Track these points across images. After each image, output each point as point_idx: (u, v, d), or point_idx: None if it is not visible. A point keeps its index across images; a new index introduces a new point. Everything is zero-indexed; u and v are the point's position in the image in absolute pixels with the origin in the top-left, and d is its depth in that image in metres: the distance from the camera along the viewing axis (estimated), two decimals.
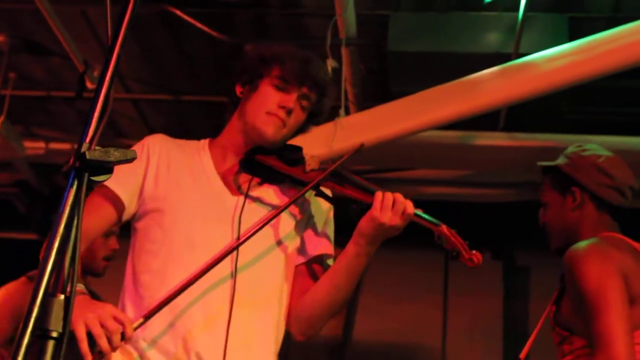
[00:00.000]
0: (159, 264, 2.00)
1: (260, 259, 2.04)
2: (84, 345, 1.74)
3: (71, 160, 1.25)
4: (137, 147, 2.12)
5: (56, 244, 1.18)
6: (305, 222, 2.16)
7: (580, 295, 2.23)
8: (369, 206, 1.97)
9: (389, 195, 1.94)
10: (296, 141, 4.25)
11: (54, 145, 5.10)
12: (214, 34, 4.06)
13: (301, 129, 2.21)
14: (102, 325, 1.75)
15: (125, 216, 2.07)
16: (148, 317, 1.87)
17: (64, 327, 1.15)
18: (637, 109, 4.45)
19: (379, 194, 1.95)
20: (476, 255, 1.97)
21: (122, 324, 1.76)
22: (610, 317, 2.14)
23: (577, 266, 2.26)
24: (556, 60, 3.53)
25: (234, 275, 1.98)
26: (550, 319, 2.43)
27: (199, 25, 4.02)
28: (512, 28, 3.82)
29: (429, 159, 4.52)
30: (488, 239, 5.46)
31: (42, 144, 5.11)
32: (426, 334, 5.36)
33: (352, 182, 2.05)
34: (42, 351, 1.11)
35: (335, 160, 2.11)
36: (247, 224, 2.01)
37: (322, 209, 2.18)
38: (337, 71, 3.97)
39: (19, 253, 4.12)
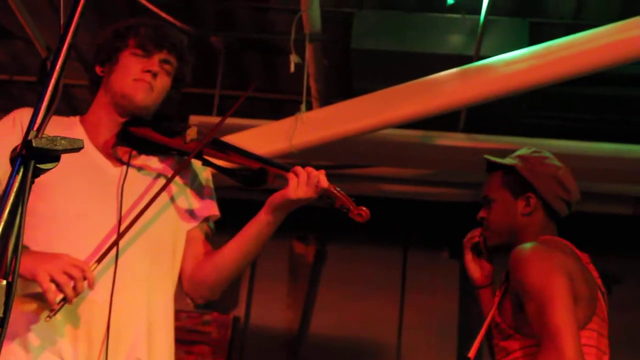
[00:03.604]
0: (44, 237, 1.97)
1: (144, 231, 2.06)
2: (51, 296, 1.80)
3: (18, 148, 1.27)
4: (7, 121, 2.11)
5: None
6: (189, 187, 2.21)
7: (526, 293, 2.25)
8: (259, 171, 2.07)
9: (303, 171, 2.03)
10: (256, 135, 4.24)
11: None
12: (179, 24, 4.06)
13: (169, 97, 2.24)
14: (66, 274, 1.81)
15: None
16: (99, 260, 1.92)
17: (5, 312, 1.16)
18: (594, 116, 4.53)
19: (296, 169, 2.04)
20: (364, 211, 2.06)
21: (82, 270, 1.83)
22: (557, 312, 2.14)
23: (522, 266, 2.28)
24: (514, 64, 3.58)
25: (117, 253, 1.99)
26: (494, 317, 2.45)
27: (164, 15, 4.02)
28: (474, 31, 3.87)
29: (389, 157, 4.56)
30: (446, 238, 5.53)
31: None
32: (382, 330, 5.40)
33: (234, 149, 2.13)
34: None
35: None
36: (130, 193, 2.07)
37: (200, 171, 2.25)
38: (301, 66, 4.00)
39: None
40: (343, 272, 5.48)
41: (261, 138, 3.93)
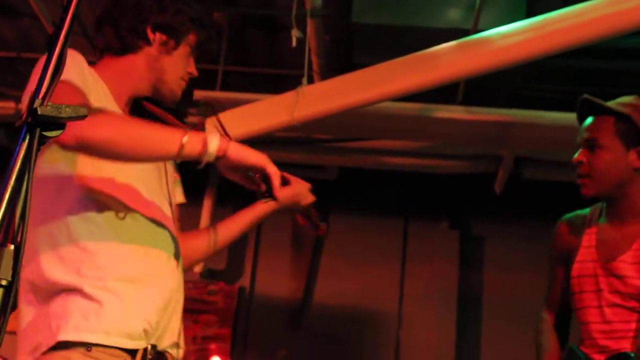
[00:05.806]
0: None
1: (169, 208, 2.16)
2: (278, 180, 1.91)
3: (24, 116, 1.33)
4: (79, 62, 1.96)
5: (7, 196, 1.23)
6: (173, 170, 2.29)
7: None
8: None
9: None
10: (259, 109, 4.31)
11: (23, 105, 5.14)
12: None
13: None
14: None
15: None
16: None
17: (13, 276, 1.20)
18: (588, 88, 4.56)
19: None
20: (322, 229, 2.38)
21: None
22: None
23: None
24: (510, 37, 3.63)
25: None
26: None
27: None
28: (472, 4, 3.91)
29: (389, 129, 4.63)
30: (446, 209, 5.61)
31: (12, 104, 5.13)
32: (383, 298, 5.49)
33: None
34: None
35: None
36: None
37: None
38: (302, 41, 4.06)
39: None
40: (345, 242, 5.55)
41: (263, 111, 4.00)
